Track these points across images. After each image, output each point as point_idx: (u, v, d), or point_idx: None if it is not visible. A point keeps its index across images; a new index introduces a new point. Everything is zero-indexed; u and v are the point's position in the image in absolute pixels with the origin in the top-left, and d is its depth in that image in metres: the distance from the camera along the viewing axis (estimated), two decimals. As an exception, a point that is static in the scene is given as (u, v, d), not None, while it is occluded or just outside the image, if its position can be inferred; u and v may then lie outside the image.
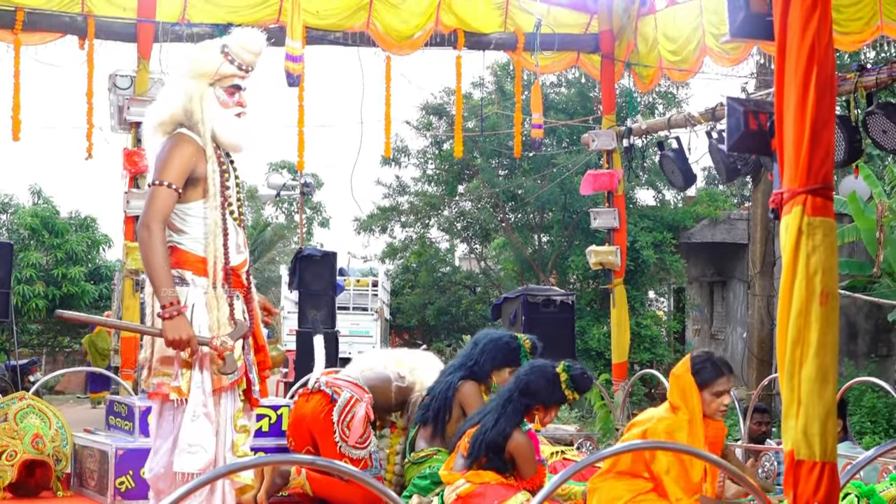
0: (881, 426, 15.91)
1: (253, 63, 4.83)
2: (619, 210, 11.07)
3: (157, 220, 4.53)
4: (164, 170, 4.60)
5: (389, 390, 6.87)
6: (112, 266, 24.64)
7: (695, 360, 5.25)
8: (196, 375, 4.59)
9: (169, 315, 4.46)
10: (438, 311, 25.66)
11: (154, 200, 4.55)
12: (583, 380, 5.86)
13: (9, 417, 7.37)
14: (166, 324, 4.47)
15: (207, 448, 4.57)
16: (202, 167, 4.66)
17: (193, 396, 4.58)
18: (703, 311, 23.40)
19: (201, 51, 4.86)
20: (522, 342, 6.77)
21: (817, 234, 3.23)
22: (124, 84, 9.66)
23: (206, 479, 3.26)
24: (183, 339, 4.47)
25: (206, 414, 4.59)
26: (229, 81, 4.79)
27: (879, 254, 12.57)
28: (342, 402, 6.54)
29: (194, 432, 4.57)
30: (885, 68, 8.35)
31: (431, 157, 25.04)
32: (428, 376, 6.96)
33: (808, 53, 3.25)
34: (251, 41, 4.80)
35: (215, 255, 4.65)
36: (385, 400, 6.86)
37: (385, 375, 6.94)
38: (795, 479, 3.25)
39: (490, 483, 5.55)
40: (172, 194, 4.57)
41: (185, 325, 4.49)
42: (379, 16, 10.24)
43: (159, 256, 4.50)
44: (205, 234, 4.66)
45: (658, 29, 10.57)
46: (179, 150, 4.63)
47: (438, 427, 6.49)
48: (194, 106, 4.73)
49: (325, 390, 6.61)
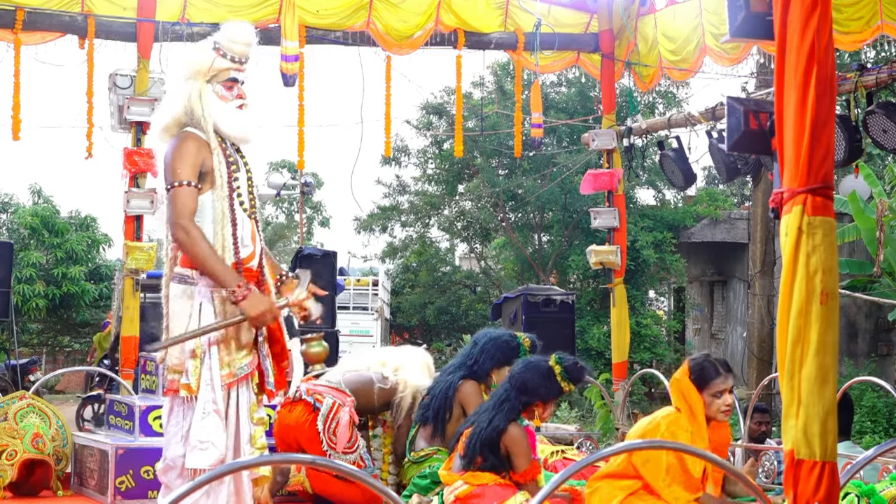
0: (881, 425, 15.92)
1: (245, 54, 4.88)
2: (620, 209, 11.06)
3: (186, 218, 4.60)
4: (175, 171, 4.66)
5: (372, 392, 6.84)
6: (112, 265, 24.65)
7: (692, 363, 5.30)
8: (205, 372, 4.62)
9: (242, 296, 4.53)
10: (438, 311, 25.66)
11: (176, 201, 4.62)
12: (576, 370, 5.87)
13: (9, 417, 7.38)
14: (245, 304, 4.54)
15: (218, 444, 4.59)
16: (209, 160, 4.73)
17: (203, 393, 4.60)
18: (704, 310, 23.41)
19: (193, 51, 4.92)
20: (522, 341, 6.77)
21: (817, 233, 3.23)
22: (124, 83, 9.66)
23: (214, 475, 3.27)
24: (265, 311, 4.57)
25: (216, 410, 4.61)
26: (225, 75, 4.83)
27: (880, 253, 12.56)
28: (325, 410, 6.53)
29: (205, 429, 4.59)
30: (886, 67, 8.34)
31: (431, 156, 25.05)
32: (413, 375, 6.92)
33: (808, 53, 3.25)
34: (238, 32, 4.86)
35: (223, 247, 4.68)
36: (367, 402, 6.83)
37: (367, 377, 6.90)
38: (796, 478, 3.25)
39: (488, 484, 5.56)
40: (191, 191, 4.64)
41: (261, 299, 4.59)
42: (379, 15, 10.23)
43: (205, 249, 4.58)
44: (213, 226, 4.70)
45: (658, 28, 10.56)
46: (184, 147, 4.70)
47: (438, 426, 6.49)
48: (194, 104, 4.78)
49: (306, 399, 6.60)
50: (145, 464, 6.84)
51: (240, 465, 4.32)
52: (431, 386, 6.75)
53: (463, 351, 6.95)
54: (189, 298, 4.68)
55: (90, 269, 24.66)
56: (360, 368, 7.04)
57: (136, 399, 7.49)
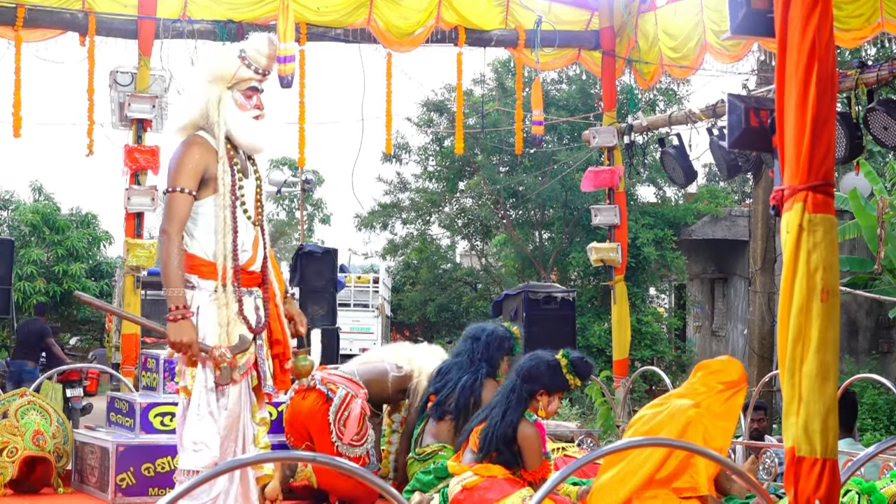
0: (882, 423, 15.94)
1: (270, 67, 4.97)
2: (620, 207, 11.06)
3: (174, 225, 4.66)
4: (176, 176, 4.72)
5: (386, 381, 7.01)
6: (113, 263, 24.67)
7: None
8: (200, 374, 4.67)
9: (174, 318, 4.58)
10: (439, 308, 25.66)
11: (171, 207, 4.69)
12: (583, 364, 5.90)
13: (9, 414, 7.39)
14: (171, 326, 4.58)
15: (211, 446, 4.62)
16: (213, 167, 4.77)
17: (197, 395, 4.64)
18: (704, 307, 23.40)
19: (219, 55, 4.95)
20: (511, 329, 7.00)
21: (818, 230, 3.23)
22: (125, 81, 9.66)
23: (211, 474, 3.28)
24: (185, 342, 4.57)
25: (210, 412, 4.63)
26: (246, 84, 4.89)
27: (880, 250, 12.55)
28: (338, 400, 6.62)
29: (198, 430, 4.63)
30: (886, 65, 8.33)
31: (432, 153, 25.03)
32: (427, 363, 7.12)
33: (808, 50, 3.25)
34: (266, 45, 4.92)
35: (224, 254, 4.71)
36: (382, 391, 6.99)
37: (381, 368, 7.08)
38: (796, 475, 3.25)
39: (496, 477, 5.58)
40: (187, 198, 4.70)
41: (189, 330, 4.60)
42: (380, 12, 10.24)
43: (174, 260, 4.62)
44: (215, 232, 4.74)
45: (659, 26, 10.56)
46: (188, 154, 4.75)
47: (460, 424, 6.50)
48: (211, 109, 4.83)
49: (320, 388, 6.66)
50: (146, 461, 6.85)
51: (242, 462, 4.33)
52: (438, 383, 6.77)
53: (464, 348, 6.94)
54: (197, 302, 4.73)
55: (91, 267, 24.67)
56: (375, 361, 7.22)
57: (136, 396, 7.48)
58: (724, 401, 5.31)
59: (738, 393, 5.36)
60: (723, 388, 5.32)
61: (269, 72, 4.97)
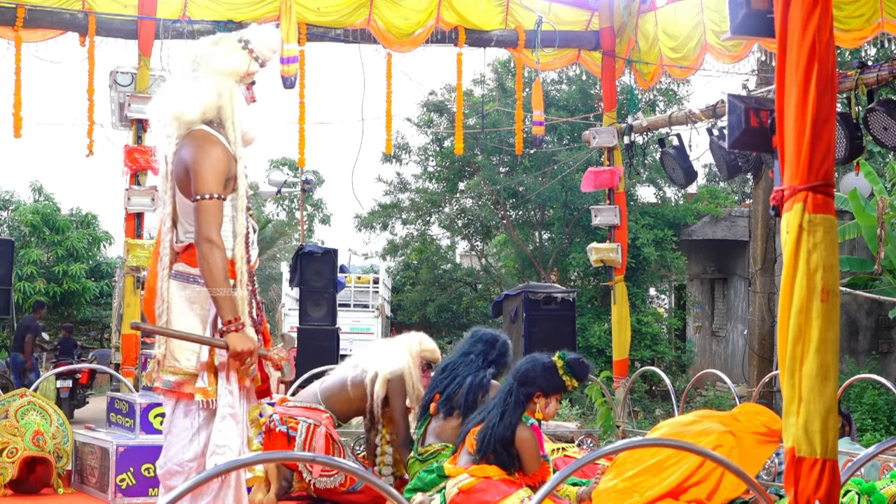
0: (882, 423, 15.93)
1: (271, 60, 4.90)
2: (620, 207, 11.07)
3: (216, 232, 4.53)
4: (212, 182, 4.57)
5: (347, 391, 6.98)
6: (113, 263, 24.67)
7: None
8: (222, 377, 4.59)
9: (236, 328, 4.51)
10: (439, 308, 25.65)
11: (207, 214, 4.53)
12: (579, 365, 5.89)
13: (10, 414, 7.38)
14: (233, 337, 4.49)
15: (234, 448, 4.58)
16: (233, 167, 4.67)
17: (222, 398, 4.58)
18: (704, 307, 23.41)
19: (228, 49, 4.81)
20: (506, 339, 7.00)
21: (818, 230, 3.23)
22: (125, 81, 9.67)
23: (203, 477, 3.27)
24: (249, 350, 4.51)
25: (233, 415, 4.59)
26: (251, 78, 4.84)
27: (880, 251, 12.56)
28: (300, 438, 6.64)
29: (223, 433, 4.57)
30: (886, 65, 8.34)
31: (432, 154, 25.03)
32: (380, 361, 7.01)
33: (808, 50, 3.25)
34: (275, 40, 4.87)
35: (241, 255, 4.67)
36: (346, 403, 6.97)
37: (339, 379, 7.06)
38: (797, 476, 3.25)
39: (492, 478, 5.57)
40: (220, 205, 4.58)
41: (251, 338, 4.55)
42: (380, 13, 10.24)
43: (223, 269, 4.53)
44: (233, 234, 4.67)
45: (659, 26, 10.56)
46: (215, 156, 4.60)
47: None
48: (224, 103, 4.71)
49: (281, 429, 6.67)
50: (146, 461, 6.84)
51: (239, 464, 4.32)
52: (444, 380, 6.73)
53: (476, 350, 6.86)
54: (196, 299, 4.66)
55: (91, 267, 24.66)
56: (338, 372, 7.21)
57: (136, 397, 7.48)
58: (757, 443, 5.33)
59: (772, 443, 5.36)
60: (763, 432, 5.34)
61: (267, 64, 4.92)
